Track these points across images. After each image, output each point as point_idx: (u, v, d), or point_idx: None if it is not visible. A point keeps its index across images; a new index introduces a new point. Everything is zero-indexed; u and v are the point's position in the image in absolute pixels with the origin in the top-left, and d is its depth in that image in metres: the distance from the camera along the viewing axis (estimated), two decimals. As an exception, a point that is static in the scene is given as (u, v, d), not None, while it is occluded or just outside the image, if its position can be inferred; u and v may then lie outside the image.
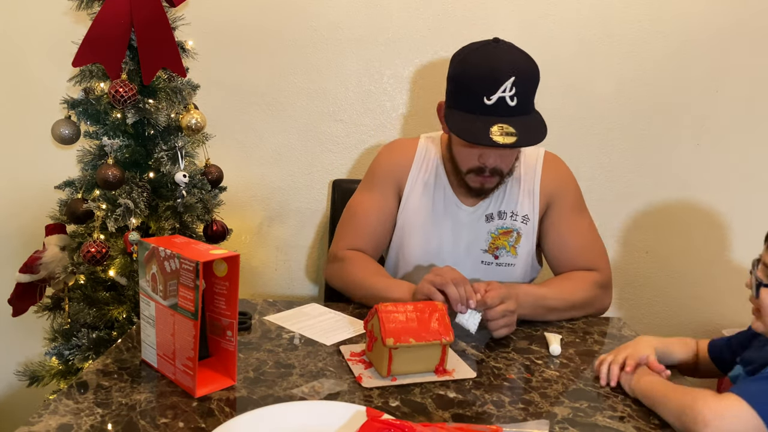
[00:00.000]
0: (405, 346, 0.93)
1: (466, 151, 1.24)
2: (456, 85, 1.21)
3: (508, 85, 1.13)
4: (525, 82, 1.15)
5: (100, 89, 1.42)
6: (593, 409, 0.90)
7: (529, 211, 1.35)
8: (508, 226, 1.34)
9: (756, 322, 0.90)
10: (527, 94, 1.17)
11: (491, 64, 1.15)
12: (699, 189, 1.81)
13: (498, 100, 1.13)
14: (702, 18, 1.72)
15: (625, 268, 1.87)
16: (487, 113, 1.14)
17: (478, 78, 1.15)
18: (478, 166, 1.24)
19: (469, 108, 1.17)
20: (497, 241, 1.34)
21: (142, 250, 0.93)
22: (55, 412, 0.80)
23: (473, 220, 1.35)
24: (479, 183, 1.27)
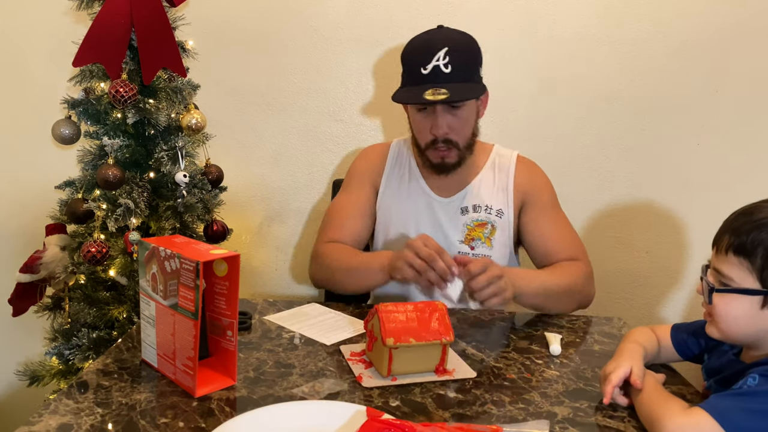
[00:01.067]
0: (405, 345, 0.93)
1: (419, 124, 1.35)
2: (403, 65, 1.34)
3: (441, 54, 1.25)
4: (459, 53, 1.27)
5: (101, 89, 1.42)
6: (593, 409, 0.90)
7: (503, 206, 1.42)
8: (482, 219, 1.41)
9: (710, 327, 0.89)
10: (463, 64, 1.28)
11: (428, 39, 1.30)
12: (699, 189, 1.81)
13: (433, 68, 1.26)
14: (702, 18, 1.72)
15: (625, 268, 1.87)
16: (424, 81, 1.26)
17: (415, 52, 1.31)
18: (432, 139, 1.33)
19: (410, 80, 1.31)
20: (473, 233, 1.41)
21: (142, 250, 0.93)
22: (55, 411, 0.80)
23: (449, 212, 1.42)
24: (439, 157, 1.35)
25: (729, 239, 0.84)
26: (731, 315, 0.85)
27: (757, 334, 0.85)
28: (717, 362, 0.96)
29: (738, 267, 0.83)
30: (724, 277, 0.85)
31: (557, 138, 1.79)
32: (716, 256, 0.87)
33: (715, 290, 0.85)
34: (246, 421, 0.78)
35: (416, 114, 1.35)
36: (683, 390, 0.98)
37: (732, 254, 0.84)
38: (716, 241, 0.88)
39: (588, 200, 1.83)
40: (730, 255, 0.84)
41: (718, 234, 0.88)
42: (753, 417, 0.75)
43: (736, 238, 0.83)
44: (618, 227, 1.85)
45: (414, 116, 1.36)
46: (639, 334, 1.03)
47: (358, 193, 1.47)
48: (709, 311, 0.88)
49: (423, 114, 1.33)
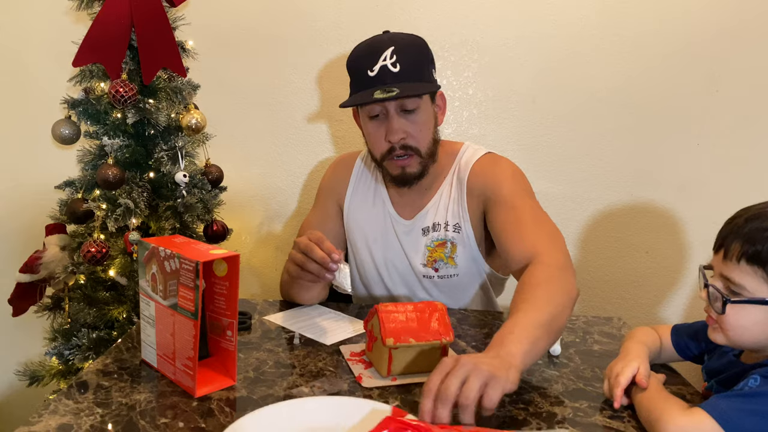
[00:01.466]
0: (405, 346, 0.93)
1: (374, 134, 1.25)
2: (349, 72, 1.28)
3: (388, 54, 1.18)
4: (406, 52, 1.19)
5: (101, 89, 1.42)
6: (593, 409, 0.90)
7: (459, 219, 1.29)
8: (441, 238, 1.31)
9: (715, 333, 0.87)
10: (411, 61, 1.20)
11: (372, 42, 1.24)
12: (699, 189, 1.81)
13: (380, 69, 1.18)
14: (702, 18, 1.72)
15: (625, 268, 1.87)
16: (372, 84, 1.19)
17: (361, 56, 1.23)
18: (388, 148, 1.23)
19: (358, 86, 1.23)
20: (434, 254, 1.31)
21: (142, 250, 0.93)
22: (55, 412, 0.80)
23: (411, 234, 1.33)
24: (399, 168, 1.24)
25: (741, 247, 0.82)
26: (742, 324, 0.83)
27: (766, 341, 0.84)
28: (717, 363, 0.96)
29: (752, 276, 0.81)
30: (735, 285, 0.83)
31: (557, 138, 1.79)
32: (725, 263, 0.85)
33: (730, 301, 0.83)
34: (264, 416, 0.77)
35: (369, 123, 1.25)
36: (683, 390, 0.98)
37: (745, 263, 0.81)
38: (722, 247, 0.86)
39: (588, 200, 1.83)
40: (743, 264, 0.82)
41: (723, 238, 0.86)
42: (754, 418, 0.75)
43: (750, 246, 0.81)
44: (618, 227, 1.85)
45: (367, 126, 1.26)
46: (642, 334, 1.03)
47: (322, 210, 1.41)
48: (716, 319, 0.86)
49: (376, 122, 1.23)
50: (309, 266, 1.06)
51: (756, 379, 0.80)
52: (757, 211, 0.84)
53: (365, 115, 1.25)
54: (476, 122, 1.78)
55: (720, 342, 0.88)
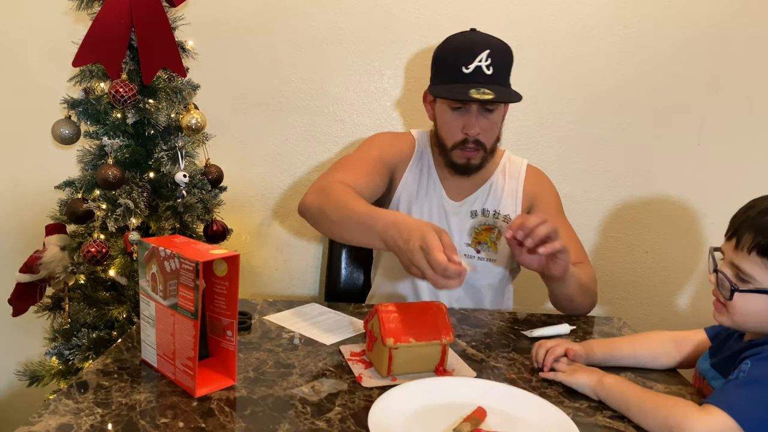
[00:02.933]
0: (405, 346, 0.93)
1: (450, 123, 1.32)
2: (439, 62, 1.33)
3: (484, 56, 1.25)
4: (499, 56, 1.28)
5: (100, 89, 1.42)
6: (593, 409, 0.90)
7: (511, 212, 1.42)
8: (490, 224, 1.41)
9: (721, 316, 0.90)
10: (503, 67, 1.29)
11: (468, 40, 1.30)
12: (699, 189, 1.81)
13: (475, 68, 1.25)
14: (702, 18, 1.72)
15: (625, 268, 1.87)
16: (466, 80, 1.25)
17: (456, 51, 1.29)
18: (462, 138, 1.31)
19: (450, 78, 1.28)
20: (480, 236, 1.41)
21: (142, 250, 0.93)
22: (55, 412, 0.80)
23: (459, 215, 1.41)
24: (465, 158, 1.33)
25: (753, 238, 0.84)
26: (750, 311, 0.86)
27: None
28: (721, 344, 0.98)
29: (761, 267, 0.84)
30: (744, 274, 0.85)
31: (557, 138, 1.79)
32: (735, 252, 0.87)
33: (738, 290, 0.85)
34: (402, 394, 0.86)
35: (448, 113, 1.32)
36: (683, 390, 0.98)
37: (756, 254, 0.84)
38: (734, 235, 0.88)
39: (588, 200, 1.83)
40: (753, 255, 0.84)
41: (737, 227, 0.88)
42: (760, 406, 0.78)
43: (763, 238, 0.83)
44: (618, 227, 1.85)
45: (444, 115, 1.33)
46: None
47: (381, 165, 1.37)
48: (723, 303, 0.89)
49: (456, 113, 1.31)
50: (427, 273, 0.94)
51: (747, 363, 0.83)
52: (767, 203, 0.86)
53: (446, 104, 1.31)
54: (476, 122, 1.78)
55: (725, 323, 0.90)
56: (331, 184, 1.22)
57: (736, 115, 1.77)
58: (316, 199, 1.21)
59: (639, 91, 1.76)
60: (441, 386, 0.91)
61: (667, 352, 1.06)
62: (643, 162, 1.80)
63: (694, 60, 1.74)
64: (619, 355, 1.05)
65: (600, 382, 0.91)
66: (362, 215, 1.08)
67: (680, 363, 1.06)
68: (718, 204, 1.80)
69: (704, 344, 1.04)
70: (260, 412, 0.83)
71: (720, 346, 0.98)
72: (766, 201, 0.87)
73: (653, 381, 1.01)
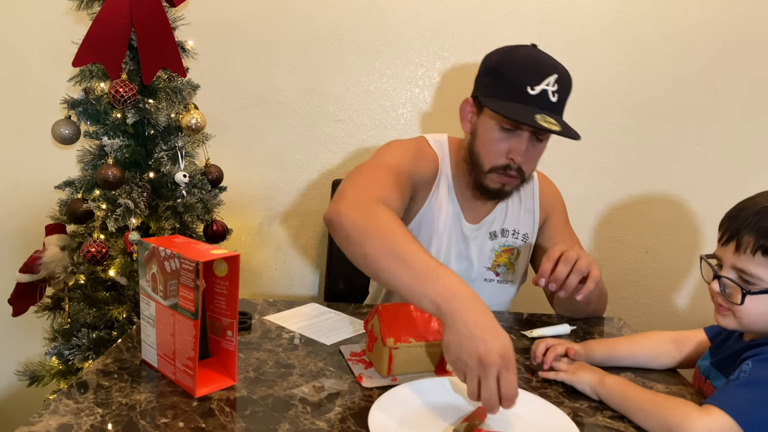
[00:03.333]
0: (405, 346, 0.93)
1: (497, 144, 1.18)
2: (498, 74, 1.17)
3: (551, 80, 1.12)
4: (565, 83, 1.15)
5: (100, 89, 1.42)
6: (593, 409, 0.90)
7: (529, 230, 1.38)
8: (510, 244, 1.35)
9: (726, 320, 0.89)
10: (565, 96, 1.17)
11: (536, 58, 1.16)
12: (699, 189, 1.81)
13: (541, 92, 1.12)
14: (702, 18, 1.72)
15: (625, 268, 1.87)
16: (529, 102, 1.12)
17: (524, 68, 1.14)
18: (504, 164, 1.18)
19: (512, 96, 1.13)
20: (499, 259, 1.34)
21: (142, 250, 0.93)
22: (55, 412, 0.80)
23: (478, 238, 1.32)
24: (500, 183, 1.21)
25: (756, 240, 0.84)
26: (758, 312, 0.86)
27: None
28: (721, 343, 0.98)
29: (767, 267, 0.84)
30: (751, 276, 0.85)
31: (557, 138, 1.78)
32: (737, 255, 0.86)
33: (750, 293, 0.85)
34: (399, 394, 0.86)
35: (496, 132, 1.17)
36: (683, 390, 0.98)
37: (761, 255, 0.84)
38: (732, 239, 0.87)
39: (588, 200, 1.83)
40: (758, 256, 0.84)
41: (735, 231, 0.87)
42: (760, 406, 0.78)
43: (766, 239, 0.83)
44: (618, 227, 1.85)
45: (491, 133, 1.18)
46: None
47: (408, 184, 1.20)
48: (728, 307, 0.88)
49: (505, 134, 1.17)
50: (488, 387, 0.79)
51: (748, 364, 0.83)
52: (763, 204, 0.86)
53: (496, 122, 1.16)
54: (476, 122, 1.78)
55: (730, 327, 0.90)
56: (373, 205, 1.00)
57: (736, 115, 1.77)
58: (355, 217, 0.96)
59: (639, 91, 1.76)
60: (441, 386, 0.91)
61: (667, 352, 1.06)
62: (642, 162, 1.80)
63: (694, 60, 1.74)
64: (619, 355, 1.05)
65: (601, 382, 0.91)
66: (422, 264, 0.86)
67: (680, 363, 1.06)
68: (718, 204, 1.79)
69: (704, 344, 1.04)
70: (260, 412, 0.83)
71: (720, 345, 0.98)
72: (759, 202, 0.87)
73: (654, 381, 1.01)
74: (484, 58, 1.23)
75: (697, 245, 1.82)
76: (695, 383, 1.01)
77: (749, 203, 0.88)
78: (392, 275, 0.88)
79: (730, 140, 1.78)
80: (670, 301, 1.88)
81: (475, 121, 1.23)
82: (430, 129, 1.78)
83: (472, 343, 0.78)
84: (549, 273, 1.09)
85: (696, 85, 1.76)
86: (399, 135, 1.80)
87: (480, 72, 1.23)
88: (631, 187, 1.82)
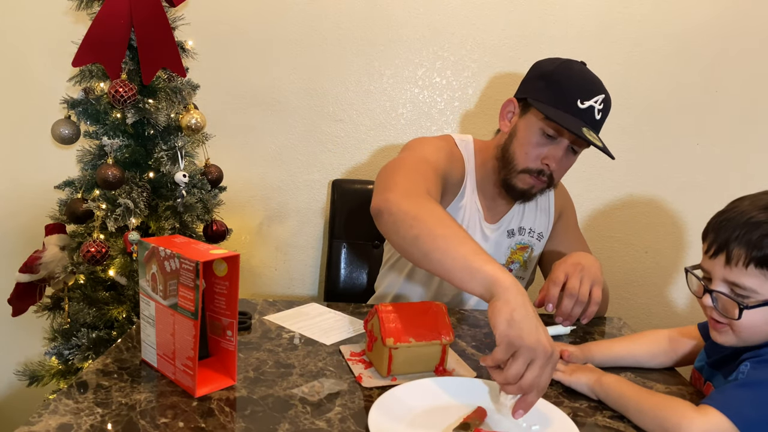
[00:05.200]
0: (405, 345, 0.93)
1: (536, 147, 1.21)
2: (553, 82, 1.21)
3: (600, 98, 1.19)
4: (607, 105, 1.21)
5: (100, 89, 1.42)
6: (593, 409, 0.90)
7: (544, 229, 1.41)
8: (525, 242, 1.38)
9: (724, 336, 0.88)
10: (605, 117, 1.22)
11: (589, 75, 1.22)
12: (699, 189, 1.81)
13: (589, 107, 1.17)
14: (702, 18, 1.72)
15: (625, 268, 1.87)
16: (577, 115, 1.17)
17: (579, 82, 1.19)
18: (538, 168, 1.22)
19: (560, 105, 1.17)
20: (514, 256, 1.37)
21: (142, 249, 0.93)
22: (55, 411, 0.80)
23: (496, 236, 1.36)
24: (529, 185, 1.24)
25: (748, 253, 0.82)
26: (756, 325, 0.84)
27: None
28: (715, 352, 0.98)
29: (761, 279, 0.82)
30: (744, 289, 0.83)
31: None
32: (728, 269, 0.84)
33: (747, 308, 0.83)
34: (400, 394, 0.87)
35: (538, 136, 1.20)
36: (682, 390, 0.98)
37: (754, 268, 0.82)
38: (720, 252, 0.85)
39: (588, 200, 1.83)
40: (751, 268, 0.82)
41: (723, 244, 0.85)
42: (756, 407, 0.78)
43: (758, 251, 0.81)
44: (618, 227, 1.85)
45: (532, 135, 1.21)
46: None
47: (442, 182, 1.21)
48: (726, 322, 0.87)
49: (545, 139, 1.20)
50: (530, 372, 0.79)
51: (746, 365, 0.83)
52: (755, 214, 0.84)
53: (539, 126, 1.20)
54: (476, 122, 1.78)
55: (728, 343, 0.88)
56: (422, 194, 1.02)
57: (736, 115, 1.77)
58: (407, 204, 0.97)
59: (639, 91, 1.76)
60: (441, 386, 0.91)
61: (664, 350, 1.06)
62: (643, 162, 1.80)
63: (694, 60, 1.74)
64: (617, 355, 1.05)
65: (599, 382, 0.91)
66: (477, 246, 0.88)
67: (678, 361, 1.06)
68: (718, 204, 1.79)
69: (701, 340, 1.04)
70: (260, 412, 0.83)
71: (716, 345, 0.97)
72: (741, 209, 0.85)
73: (653, 381, 1.01)
74: (537, 64, 1.28)
75: (697, 245, 1.82)
76: (694, 383, 1.01)
77: (734, 213, 0.86)
78: (446, 252, 0.88)
79: (730, 140, 1.78)
80: (670, 301, 1.89)
81: (516, 122, 1.26)
82: (430, 129, 1.79)
83: (532, 324, 0.78)
84: (556, 300, 1.13)
85: (696, 86, 1.76)
86: (399, 135, 1.80)
87: (531, 76, 1.27)
88: (631, 187, 1.82)
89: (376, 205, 1.02)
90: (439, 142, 1.30)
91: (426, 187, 1.06)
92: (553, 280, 1.14)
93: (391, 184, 1.04)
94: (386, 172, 1.13)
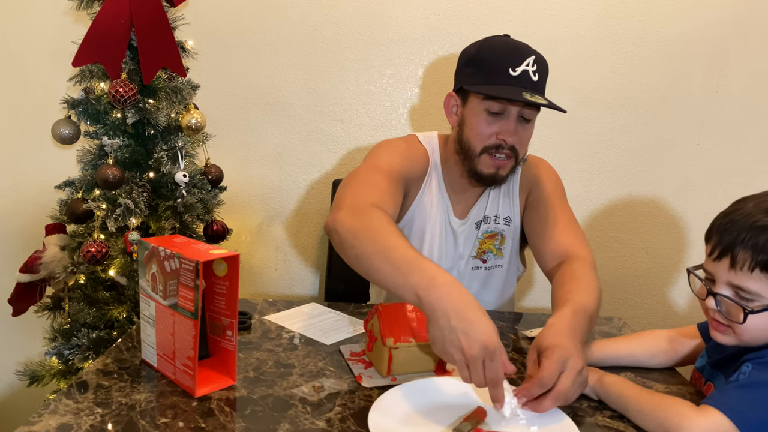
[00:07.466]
0: (405, 345, 0.93)
1: (485, 128, 1.21)
2: (480, 62, 1.22)
3: (531, 61, 1.17)
4: (542, 65, 1.21)
5: (100, 89, 1.42)
6: (593, 409, 0.90)
7: (510, 213, 1.37)
8: (492, 230, 1.36)
9: (726, 337, 0.88)
10: (544, 77, 1.21)
11: (512, 43, 1.22)
12: (699, 189, 1.81)
13: (522, 72, 1.17)
14: (702, 17, 1.72)
15: (625, 268, 1.87)
16: (513, 83, 1.16)
17: (503, 52, 1.20)
18: (495, 143, 1.21)
19: (496, 80, 1.18)
20: (483, 246, 1.36)
21: (142, 249, 0.93)
22: (55, 411, 0.80)
23: (465, 230, 1.35)
24: (495, 167, 1.23)
25: (754, 256, 0.81)
26: (759, 327, 0.84)
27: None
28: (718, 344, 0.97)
29: (766, 283, 0.82)
30: (749, 293, 0.83)
31: (557, 138, 1.79)
32: (733, 272, 0.84)
33: (752, 312, 0.83)
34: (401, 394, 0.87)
35: (483, 116, 1.20)
36: (683, 390, 0.98)
37: (759, 272, 0.81)
38: (724, 255, 0.85)
39: (588, 200, 1.83)
40: (756, 272, 0.82)
41: (728, 248, 0.84)
42: (757, 408, 0.78)
43: (764, 255, 0.80)
44: (618, 227, 1.85)
45: (478, 118, 1.21)
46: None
47: (401, 183, 1.24)
48: (728, 325, 0.87)
49: (492, 118, 1.20)
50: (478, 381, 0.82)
51: (748, 366, 0.83)
52: (759, 217, 0.83)
53: (482, 108, 1.20)
54: (476, 122, 1.78)
55: (730, 344, 0.88)
56: (368, 209, 1.04)
57: (736, 114, 1.77)
58: (350, 223, 1.01)
59: (639, 91, 1.76)
60: (441, 386, 0.91)
61: (664, 350, 1.06)
62: (643, 162, 1.80)
63: (693, 60, 1.74)
64: (617, 355, 1.05)
65: (600, 381, 0.91)
66: (404, 257, 0.89)
67: (678, 361, 1.06)
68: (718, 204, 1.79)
69: (701, 341, 1.04)
70: (260, 412, 0.83)
71: (717, 345, 0.97)
72: (746, 211, 0.84)
73: (653, 381, 1.01)
74: (462, 52, 1.29)
75: (697, 245, 1.82)
76: (694, 383, 1.01)
77: (738, 216, 0.85)
78: (378, 271, 0.92)
79: (730, 140, 1.78)
80: (670, 301, 1.89)
81: (461, 113, 1.27)
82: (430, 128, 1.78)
83: (454, 336, 0.81)
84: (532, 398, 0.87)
85: (696, 85, 1.76)
86: (399, 135, 1.79)
87: (460, 65, 1.28)
88: (631, 187, 1.82)
89: (326, 225, 1.07)
90: (396, 142, 1.33)
91: (374, 199, 1.09)
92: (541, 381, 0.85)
93: (341, 201, 1.09)
94: (341, 187, 1.17)
